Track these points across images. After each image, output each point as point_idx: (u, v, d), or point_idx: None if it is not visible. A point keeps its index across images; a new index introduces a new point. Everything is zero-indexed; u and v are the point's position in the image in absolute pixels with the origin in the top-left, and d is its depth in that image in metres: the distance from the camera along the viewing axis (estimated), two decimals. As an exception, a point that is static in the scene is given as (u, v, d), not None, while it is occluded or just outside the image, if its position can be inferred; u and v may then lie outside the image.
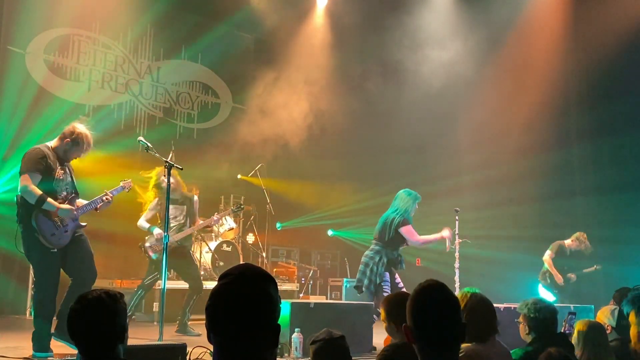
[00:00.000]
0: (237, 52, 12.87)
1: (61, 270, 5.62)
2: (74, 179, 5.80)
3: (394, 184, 12.35)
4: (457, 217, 8.50)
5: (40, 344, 5.26)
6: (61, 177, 5.56)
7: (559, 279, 9.30)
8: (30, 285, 8.91)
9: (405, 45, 11.49)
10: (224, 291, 1.73)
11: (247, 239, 11.46)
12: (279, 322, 1.78)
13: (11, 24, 9.75)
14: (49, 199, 5.35)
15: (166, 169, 6.32)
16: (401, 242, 7.37)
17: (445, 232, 7.58)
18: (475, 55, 11.62)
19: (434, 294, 2.31)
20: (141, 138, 6.45)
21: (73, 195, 5.68)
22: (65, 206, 5.46)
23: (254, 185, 11.24)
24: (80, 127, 5.70)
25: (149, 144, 6.33)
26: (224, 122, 12.62)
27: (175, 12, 11.73)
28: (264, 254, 11.23)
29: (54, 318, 5.52)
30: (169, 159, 6.60)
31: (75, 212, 5.55)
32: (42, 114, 9.27)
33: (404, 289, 7.24)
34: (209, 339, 1.75)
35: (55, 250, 5.44)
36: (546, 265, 9.36)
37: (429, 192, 11.98)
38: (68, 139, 5.61)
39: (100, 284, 9.17)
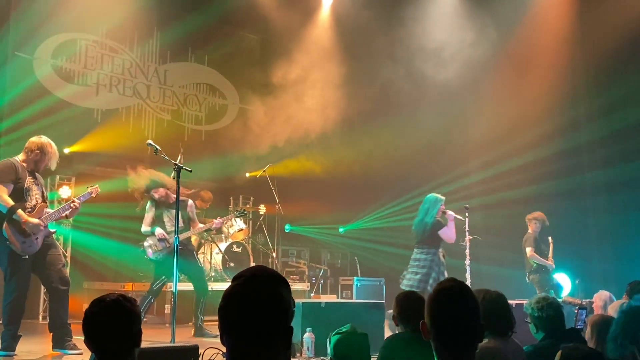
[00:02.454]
0: (243, 53, 12.89)
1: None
2: (43, 188, 6.04)
3: (404, 182, 12.39)
4: (467, 215, 8.49)
5: (6, 344, 5.47)
6: (30, 187, 5.79)
7: (549, 264, 9.22)
8: (43, 290, 8.99)
9: (412, 41, 11.46)
10: (236, 293, 1.74)
11: (257, 240, 11.48)
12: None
13: (19, 30, 9.79)
14: (19, 211, 5.61)
15: (175, 171, 6.34)
16: (440, 240, 7.91)
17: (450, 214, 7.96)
18: (483, 52, 11.56)
19: (454, 295, 2.28)
20: (150, 141, 6.50)
21: (42, 203, 5.86)
22: (34, 220, 5.66)
23: (263, 185, 11.25)
24: (43, 138, 5.95)
25: (157, 147, 6.36)
26: (232, 123, 12.63)
27: (181, 15, 11.74)
28: (274, 254, 11.23)
29: (50, 325, 5.78)
30: (177, 161, 6.61)
31: (42, 227, 5.73)
32: (50, 119, 9.32)
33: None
34: (222, 341, 1.76)
35: (27, 256, 5.66)
36: (534, 260, 9.23)
37: (438, 190, 12.02)
38: (37, 151, 5.86)
39: (111, 287, 9.28)
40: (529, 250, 9.19)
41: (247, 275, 1.77)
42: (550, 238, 9.51)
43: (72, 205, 6.00)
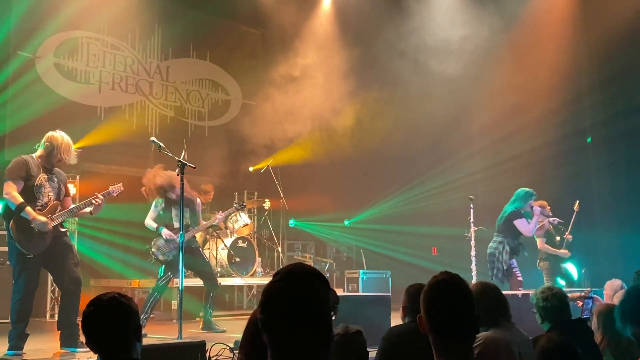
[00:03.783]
0: (245, 48, 12.88)
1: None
2: (62, 184, 5.97)
3: (408, 173, 12.39)
4: (471, 205, 8.50)
5: (14, 343, 5.47)
6: (42, 184, 5.74)
7: (563, 253, 9.10)
8: (50, 288, 9.03)
9: (415, 32, 11.40)
10: (275, 289, 1.78)
11: (262, 234, 11.49)
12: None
13: (20, 29, 9.79)
14: (27, 209, 5.56)
15: (179, 168, 6.34)
16: (519, 232, 8.03)
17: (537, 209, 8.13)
18: (486, 41, 11.50)
19: (448, 287, 2.31)
20: (153, 138, 6.50)
21: (54, 202, 5.81)
22: (41, 219, 5.62)
23: (267, 180, 11.26)
24: (56, 133, 5.90)
25: (161, 144, 6.37)
26: (235, 119, 12.63)
27: (182, 11, 11.74)
28: (280, 249, 11.26)
29: (59, 323, 5.81)
30: (181, 157, 6.61)
31: (50, 226, 5.67)
32: (54, 117, 9.32)
33: (520, 277, 7.97)
34: (262, 338, 1.78)
35: (32, 255, 5.62)
36: (547, 251, 9.13)
37: (442, 181, 12.02)
38: (47, 143, 5.82)
39: (117, 284, 9.33)
40: (539, 242, 9.08)
41: (285, 272, 1.81)
42: (577, 203, 9.26)
43: (94, 201, 5.96)
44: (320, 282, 1.80)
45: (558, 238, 9.16)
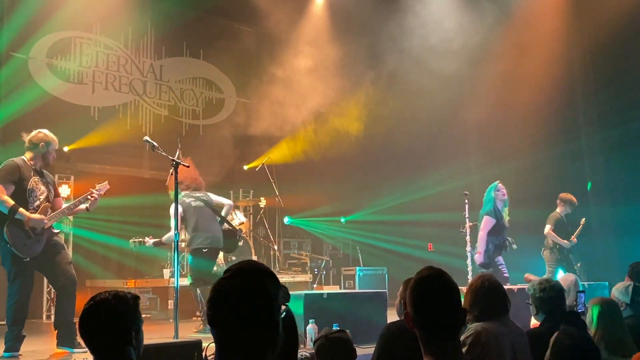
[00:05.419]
0: (239, 46, 12.84)
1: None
2: (52, 187, 5.97)
3: (405, 171, 12.39)
4: (466, 201, 8.51)
5: (10, 344, 5.47)
6: (34, 187, 5.74)
7: (565, 243, 9.11)
8: (46, 289, 9.01)
9: (410, 30, 11.39)
10: (222, 286, 1.78)
11: (258, 233, 11.49)
12: (284, 317, 1.81)
13: (13, 30, 9.74)
14: (21, 209, 5.54)
15: (173, 167, 6.32)
16: (500, 228, 8.05)
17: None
18: (481, 37, 11.50)
19: (432, 282, 2.32)
20: (147, 137, 6.48)
21: (45, 204, 5.80)
22: (36, 216, 5.62)
23: (262, 178, 11.25)
24: (43, 131, 5.90)
25: (154, 143, 6.35)
26: (229, 117, 12.62)
27: (175, 9, 11.70)
28: (276, 247, 11.25)
29: (55, 323, 5.80)
30: (176, 156, 6.58)
31: (46, 221, 5.67)
32: (48, 118, 9.28)
33: (506, 274, 7.99)
34: (212, 333, 1.80)
35: (28, 259, 5.61)
36: (553, 239, 9.11)
37: (439, 176, 12.04)
38: (42, 143, 5.81)
39: (114, 284, 9.31)
40: (547, 228, 9.09)
41: (234, 269, 1.82)
42: (583, 219, 9.39)
43: (90, 197, 5.96)
44: (270, 280, 1.81)
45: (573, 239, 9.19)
